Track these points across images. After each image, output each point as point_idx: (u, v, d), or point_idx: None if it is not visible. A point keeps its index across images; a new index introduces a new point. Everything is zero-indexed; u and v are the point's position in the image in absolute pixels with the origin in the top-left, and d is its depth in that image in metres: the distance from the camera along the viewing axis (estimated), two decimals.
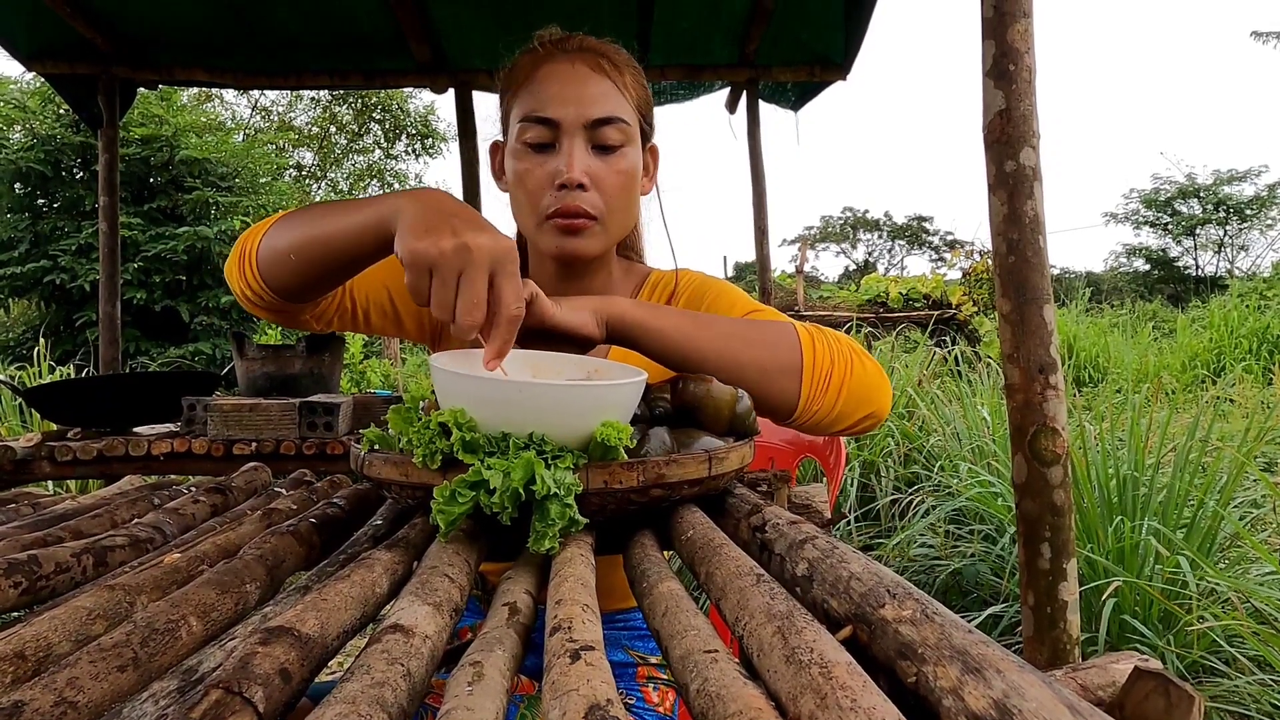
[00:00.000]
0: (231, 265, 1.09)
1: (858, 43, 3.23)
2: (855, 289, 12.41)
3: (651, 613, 0.56)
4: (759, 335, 1.01)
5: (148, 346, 9.09)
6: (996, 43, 1.27)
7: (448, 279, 0.77)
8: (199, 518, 0.93)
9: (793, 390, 1.00)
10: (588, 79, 1.09)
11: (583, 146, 1.08)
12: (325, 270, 0.98)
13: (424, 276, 0.78)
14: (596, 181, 1.09)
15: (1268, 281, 12.22)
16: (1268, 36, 16.56)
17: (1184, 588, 2.31)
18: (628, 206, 1.14)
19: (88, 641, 0.51)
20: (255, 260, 1.04)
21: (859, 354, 1.05)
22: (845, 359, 1.03)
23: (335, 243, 0.94)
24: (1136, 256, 23.82)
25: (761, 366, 0.99)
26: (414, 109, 16.83)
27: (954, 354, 5.52)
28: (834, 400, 1.02)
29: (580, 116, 1.08)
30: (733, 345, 0.99)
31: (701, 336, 0.98)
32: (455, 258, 0.76)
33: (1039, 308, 1.24)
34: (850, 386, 1.02)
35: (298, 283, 1.01)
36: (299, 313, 1.12)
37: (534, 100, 1.09)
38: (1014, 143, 1.25)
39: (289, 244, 0.99)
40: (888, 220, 35.89)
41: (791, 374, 1.00)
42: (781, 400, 1.01)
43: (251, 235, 1.07)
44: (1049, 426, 1.23)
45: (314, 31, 3.19)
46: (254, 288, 1.05)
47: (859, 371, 1.03)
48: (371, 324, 1.23)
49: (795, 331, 1.02)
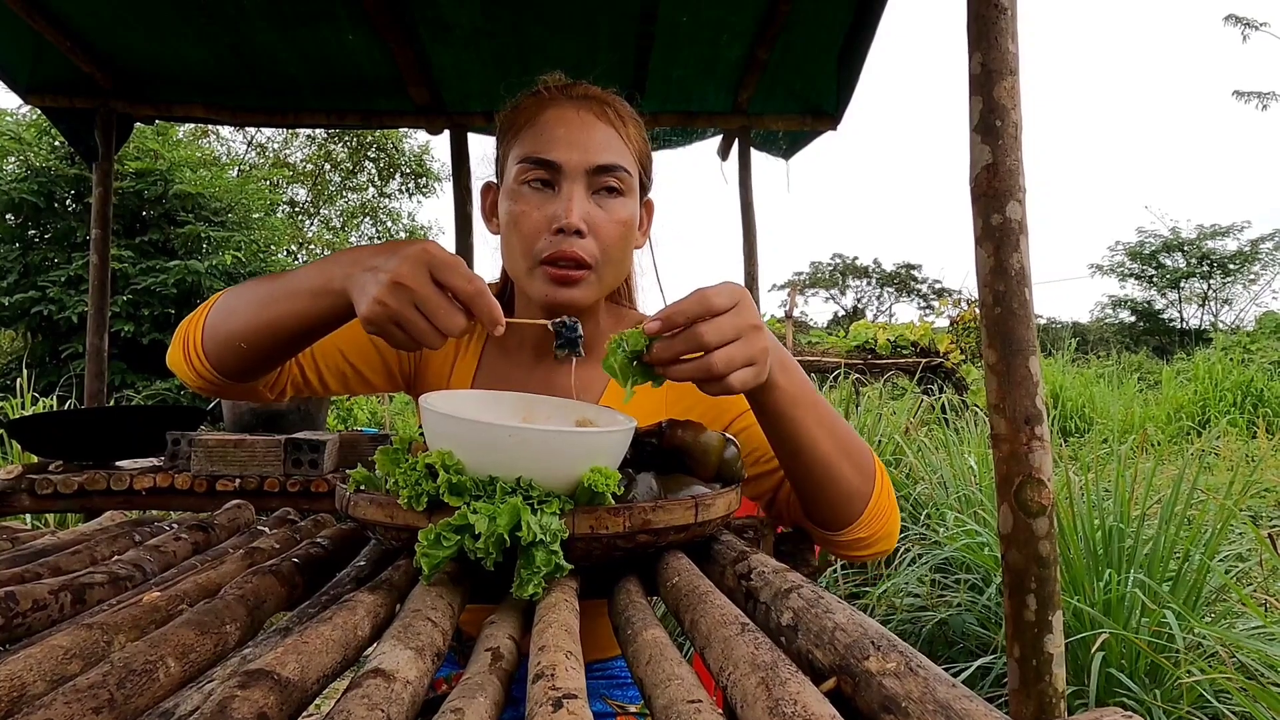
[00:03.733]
0: (176, 356, 1.08)
1: (849, 93, 3.29)
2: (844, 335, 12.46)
3: (635, 660, 0.56)
4: (856, 450, 0.98)
5: (134, 379, 9.03)
6: (984, 99, 1.30)
7: (410, 318, 0.80)
8: (180, 555, 0.92)
9: (857, 513, 0.99)
10: (593, 125, 1.09)
11: (583, 192, 1.07)
12: (278, 352, 1.00)
13: (393, 331, 0.81)
14: (594, 229, 1.07)
15: (1251, 335, 12.36)
16: (1249, 96, 16.93)
17: (1170, 641, 2.30)
18: (623, 257, 1.13)
19: (63, 682, 0.50)
20: (202, 350, 1.03)
21: (893, 491, 1.06)
22: (892, 498, 1.04)
23: (285, 329, 0.95)
24: (1122, 308, 24.08)
25: (850, 482, 0.97)
26: (408, 148, 16.96)
27: (941, 402, 5.54)
28: (875, 533, 1.02)
29: (583, 162, 1.06)
30: (840, 454, 0.96)
31: (825, 428, 0.95)
32: (397, 299, 0.79)
33: (1025, 359, 1.25)
34: (889, 524, 1.03)
35: (253, 365, 1.02)
36: (253, 389, 1.12)
37: (537, 142, 1.08)
38: (1000, 197, 1.27)
39: (237, 334, 0.98)
40: (877, 267, 36.18)
41: (864, 498, 0.99)
42: (845, 516, 0.99)
43: (191, 325, 1.06)
44: (1035, 477, 1.24)
45: (313, 71, 3.22)
46: (206, 376, 1.05)
47: (895, 512, 1.04)
48: (330, 388, 1.21)
49: (874, 458, 1.02)
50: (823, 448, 0.94)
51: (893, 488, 1.05)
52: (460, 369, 1.22)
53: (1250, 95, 16.92)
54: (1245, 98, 16.97)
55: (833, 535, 1.01)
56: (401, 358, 1.23)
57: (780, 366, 0.88)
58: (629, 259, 1.16)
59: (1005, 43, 1.30)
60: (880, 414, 5.08)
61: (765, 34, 2.94)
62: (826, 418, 0.94)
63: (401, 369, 1.24)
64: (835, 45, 3.08)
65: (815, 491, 0.98)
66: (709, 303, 0.77)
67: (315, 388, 1.20)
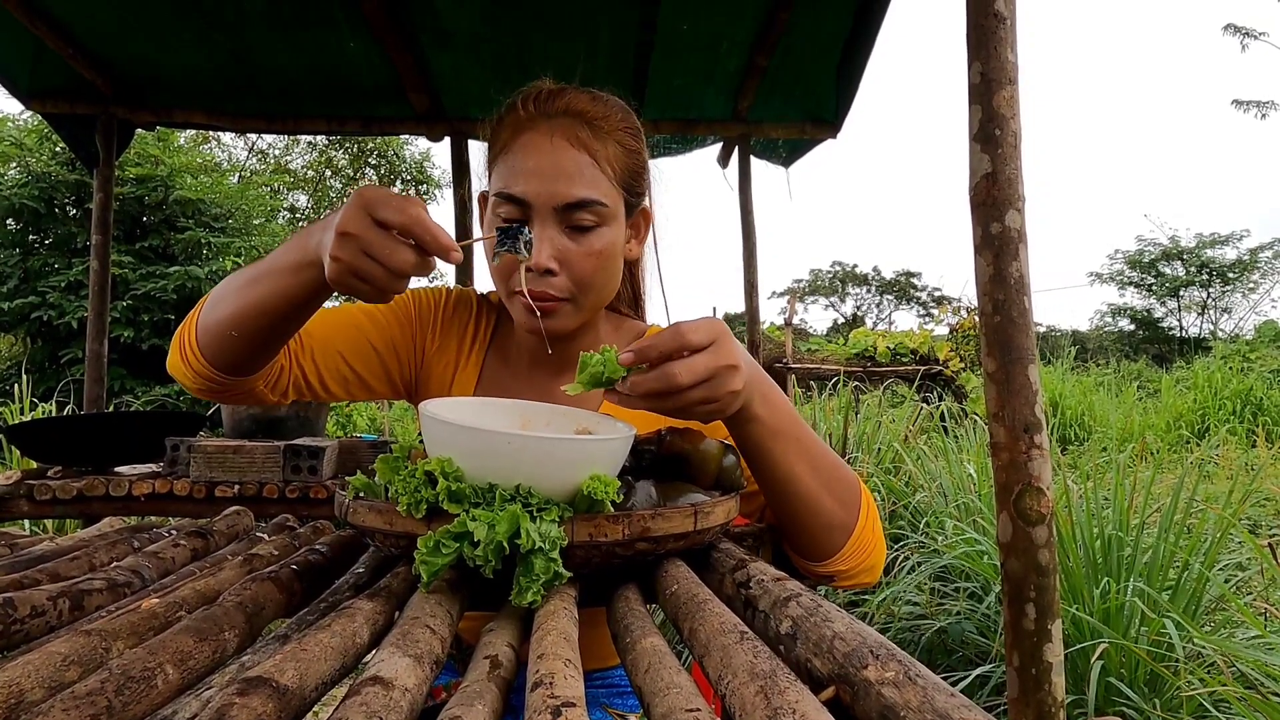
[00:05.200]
0: (175, 360, 1.08)
1: (849, 102, 3.30)
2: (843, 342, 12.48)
3: (634, 669, 0.56)
4: (839, 484, 0.97)
5: (133, 385, 9.02)
6: (983, 108, 1.30)
7: (364, 265, 0.80)
8: (179, 562, 0.92)
9: (838, 545, 0.98)
10: (564, 154, 1.05)
11: (554, 229, 1.05)
12: (270, 334, 0.99)
13: (356, 284, 0.82)
14: (566, 264, 1.06)
15: (1250, 344, 12.37)
16: (1248, 105, 16.98)
17: (1170, 650, 2.29)
18: (604, 283, 1.11)
19: (61, 689, 0.50)
20: (197, 346, 1.03)
21: (879, 524, 1.04)
22: (877, 527, 1.02)
23: (270, 308, 0.95)
24: (1121, 316, 24.08)
25: (829, 516, 0.96)
26: (409, 155, 16.98)
27: (940, 409, 5.54)
28: (858, 564, 1.00)
29: (552, 198, 1.04)
30: (820, 488, 0.95)
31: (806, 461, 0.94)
32: (347, 250, 0.80)
33: (1024, 367, 1.25)
34: (873, 557, 1.01)
35: (247, 354, 1.01)
36: (253, 386, 1.11)
37: (509, 175, 1.06)
38: (1000, 205, 1.27)
39: (226, 321, 0.98)
40: (876, 275, 36.23)
41: (845, 531, 0.97)
42: (825, 548, 0.98)
43: (186, 325, 1.06)
44: (1034, 486, 1.23)
45: (313, 78, 3.23)
46: (204, 374, 1.05)
47: (880, 545, 1.03)
48: (332, 392, 1.20)
49: (860, 490, 1.00)
50: (802, 481, 0.93)
51: (879, 520, 1.03)
52: (462, 379, 1.22)
53: (1249, 104, 16.98)
54: (1244, 107, 17.03)
55: (813, 565, 1.00)
56: (405, 365, 1.22)
57: (761, 399, 0.88)
58: (611, 282, 1.13)
59: (1004, 52, 1.30)
60: (879, 421, 5.08)
61: (765, 42, 2.95)
62: (809, 451, 0.93)
63: (403, 375, 1.23)
64: (835, 53, 3.09)
65: (794, 522, 0.97)
66: (684, 339, 0.78)
67: (317, 390, 1.19)
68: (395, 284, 0.81)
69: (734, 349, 0.81)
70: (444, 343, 1.23)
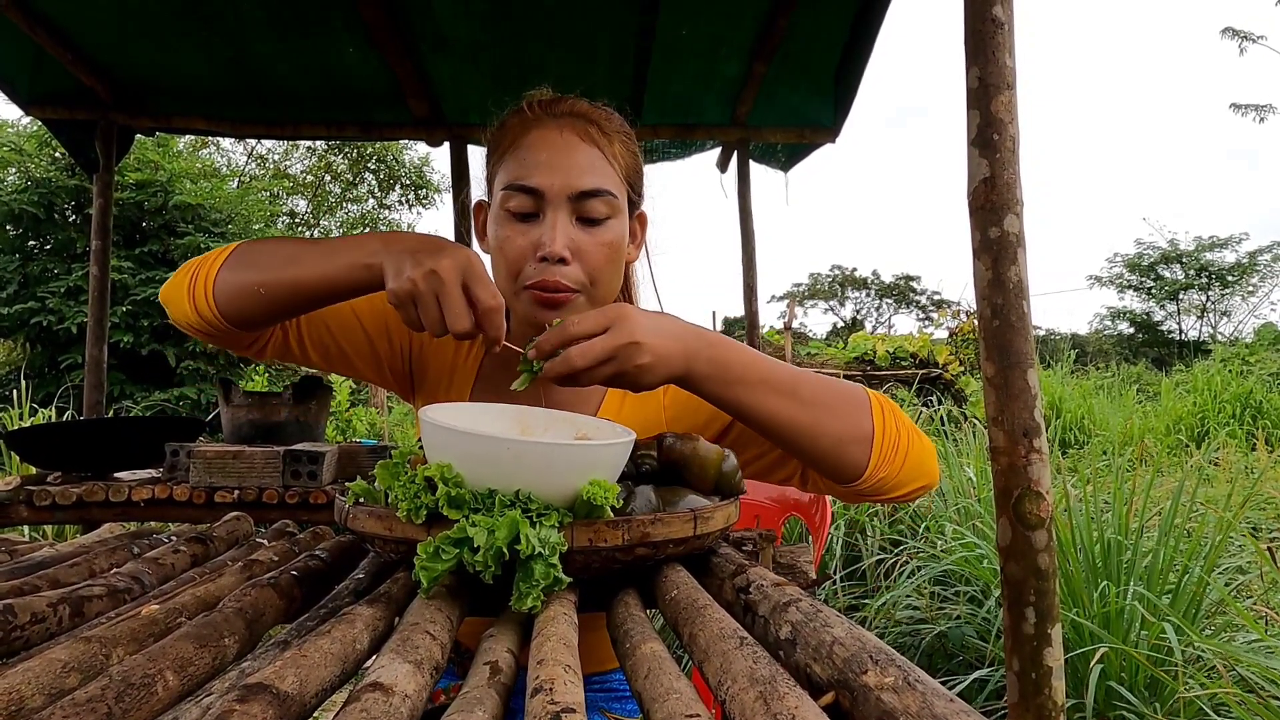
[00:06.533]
0: (178, 290, 1.07)
1: (847, 106, 3.30)
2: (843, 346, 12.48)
3: (634, 674, 0.56)
4: (837, 399, 0.99)
5: (132, 390, 9.01)
6: (981, 113, 1.30)
7: (428, 304, 0.89)
8: (178, 568, 0.92)
9: (863, 457, 0.99)
10: (575, 148, 1.08)
11: (566, 218, 1.06)
12: (294, 308, 1.04)
13: (410, 309, 0.91)
14: (579, 254, 1.07)
15: (1250, 347, 12.37)
16: (1247, 109, 17.01)
17: (1170, 654, 2.29)
18: (611, 278, 1.12)
19: (61, 695, 0.50)
20: (212, 290, 1.04)
21: (915, 426, 1.05)
22: (908, 428, 1.03)
23: (309, 286, 1.00)
24: (1121, 319, 24.08)
25: (838, 435, 0.98)
26: (409, 160, 16.99)
27: (940, 413, 5.54)
28: (898, 468, 1.01)
29: (565, 187, 1.05)
30: (815, 411, 0.97)
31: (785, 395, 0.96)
32: (426, 284, 0.89)
33: (1023, 372, 1.25)
34: (912, 456, 1.02)
35: (261, 316, 1.04)
36: (243, 339, 1.12)
37: (519, 167, 1.07)
38: (998, 210, 1.28)
39: (257, 280, 1.01)
40: (876, 279, 36.23)
41: (864, 441, 0.99)
42: (851, 465, 0.99)
43: (204, 265, 1.06)
44: (1033, 490, 1.24)
45: (313, 84, 3.23)
46: (208, 318, 1.06)
47: (918, 441, 1.04)
48: (310, 359, 1.22)
49: (868, 398, 1.01)
50: (783, 414, 0.95)
51: (905, 418, 1.03)
52: (460, 375, 1.22)
53: (1248, 108, 17.01)
54: (1243, 110, 17.06)
55: (856, 486, 1.01)
56: (395, 354, 1.23)
57: (708, 360, 0.92)
58: (618, 278, 1.15)
59: (1003, 57, 1.31)
60: None
61: (763, 47, 2.96)
62: (782, 385, 0.95)
63: (392, 365, 1.24)
64: (833, 58, 3.09)
65: (803, 453, 0.99)
66: (566, 332, 0.87)
67: (296, 354, 1.20)
68: (438, 329, 0.90)
69: (633, 329, 0.87)
70: (442, 343, 1.23)
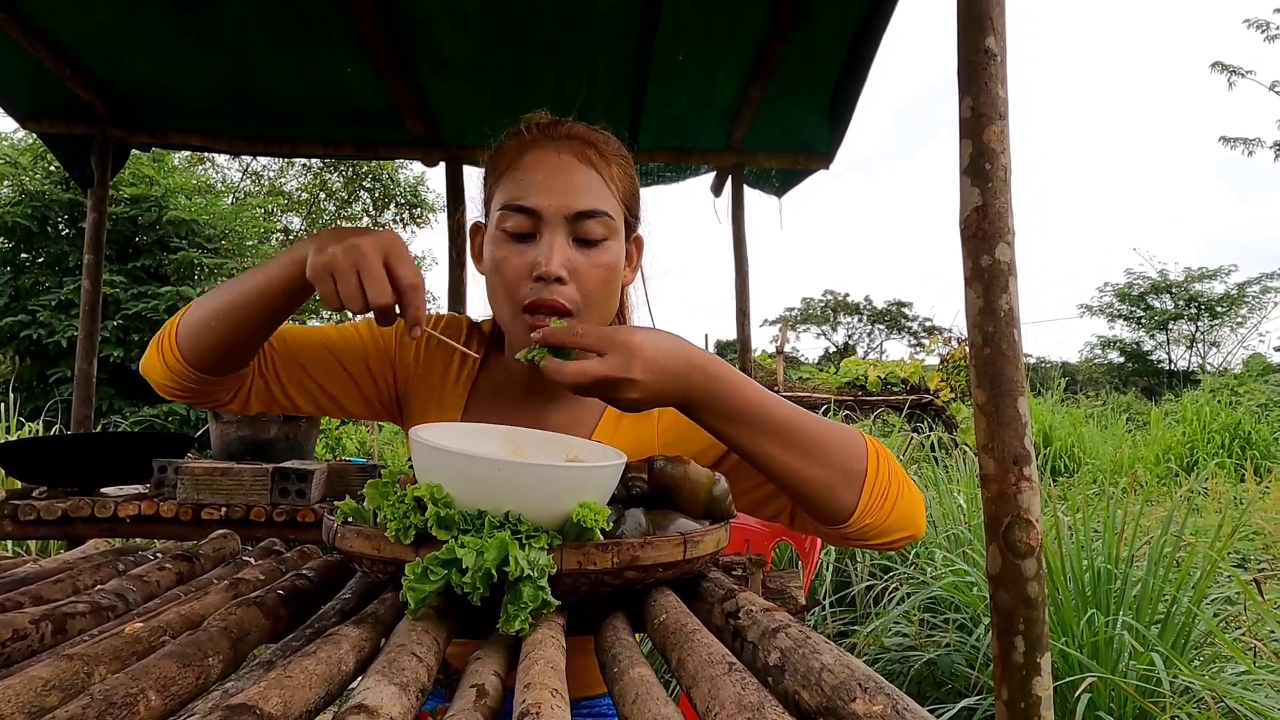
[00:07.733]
0: (151, 357, 1.12)
1: (841, 133, 3.33)
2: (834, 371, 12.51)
3: (621, 699, 0.55)
4: (833, 445, 0.97)
5: (121, 405, 8.97)
6: (973, 143, 1.32)
7: (348, 277, 0.89)
8: (164, 585, 0.91)
9: (851, 502, 0.97)
10: (573, 169, 1.08)
11: (563, 239, 1.06)
12: (246, 328, 1.03)
13: (329, 282, 0.90)
14: (575, 275, 1.06)
15: (1239, 378, 12.43)
16: (1235, 142, 17.20)
17: (1158, 685, 2.29)
18: (607, 300, 1.12)
19: (42, 714, 0.50)
20: (175, 341, 1.07)
21: (907, 477, 1.04)
22: (900, 478, 1.02)
23: (251, 298, 1.00)
24: (1111, 349, 24.19)
25: (828, 480, 0.96)
26: (404, 179, 17.02)
27: (931, 440, 5.55)
28: (885, 516, 1.00)
29: (563, 208, 1.06)
30: (808, 456, 0.96)
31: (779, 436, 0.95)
32: (346, 258, 0.89)
33: (1014, 400, 1.26)
34: (900, 506, 1.01)
35: (223, 348, 1.05)
36: (219, 389, 1.13)
37: (517, 188, 1.08)
38: (990, 238, 1.29)
39: (209, 312, 1.04)
40: (868, 304, 36.35)
41: (854, 487, 0.97)
42: (839, 509, 0.98)
43: (169, 324, 1.11)
44: (1023, 518, 1.24)
45: (310, 102, 3.25)
46: (176, 370, 1.08)
47: (908, 492, 1.02)
48: (297, 405, 1.21)
49: (865, 445, 1.00)
50: (777, 456, 0.95)
51: (899, 469, 1.02)
52: (450, 399, 1.21)
53: (1236, 141, 17.20)
54: (1232, 143, 17.25)
55: (841, 530, 1.00)
56: (380, 388, 1.22)
57: (706, 396, 0.92)
58: (613, 301, 1.14)
59: (995, 88, 1.32)
60: None
61: (759, 73, 2.99)
62: (778, 425, 0.94)
63: (380, 397, 1.23)
64: (828, 85, 3.12)
65: (792, 493, 0.99)
66: (575, 337, 0.88)
67: (281, 402, 1.20)
68: (357, 302, 0.90)
69: (630, 363, 0.86)
70: (428, 367, 1.23)
